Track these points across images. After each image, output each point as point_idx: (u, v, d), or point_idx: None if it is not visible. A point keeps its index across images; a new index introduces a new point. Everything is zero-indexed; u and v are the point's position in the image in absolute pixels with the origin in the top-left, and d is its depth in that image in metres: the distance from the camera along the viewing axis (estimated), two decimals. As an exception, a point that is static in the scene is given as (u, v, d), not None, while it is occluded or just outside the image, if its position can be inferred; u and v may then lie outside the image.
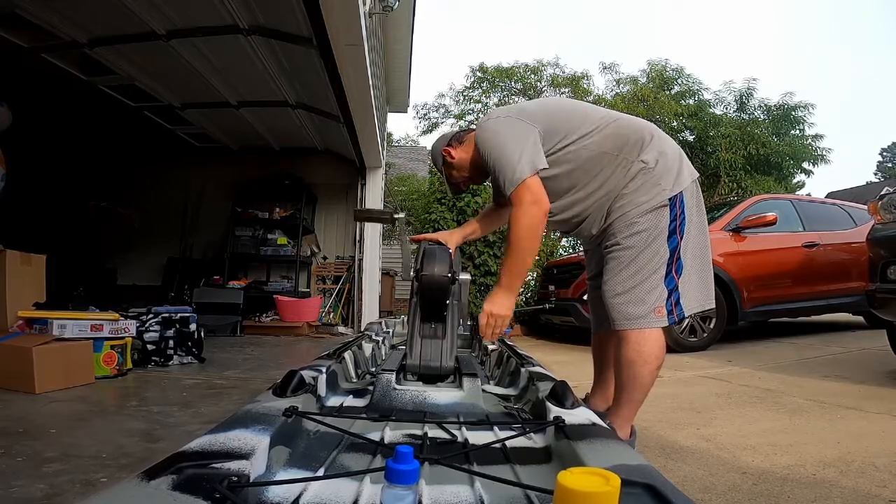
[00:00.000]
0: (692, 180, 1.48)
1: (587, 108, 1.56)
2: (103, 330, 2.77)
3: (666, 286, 1.42)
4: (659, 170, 1.42)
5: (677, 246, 1.43)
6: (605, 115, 1.52)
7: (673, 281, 1.42)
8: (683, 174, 1.46)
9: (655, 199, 1.41)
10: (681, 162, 1.47)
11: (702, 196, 1.54)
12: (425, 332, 1.26)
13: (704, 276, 1.50)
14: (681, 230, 1.43)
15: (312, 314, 5.61)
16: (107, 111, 4.95)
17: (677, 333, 3.90)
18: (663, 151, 1.45)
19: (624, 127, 1.48)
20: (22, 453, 1.53)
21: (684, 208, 1.43)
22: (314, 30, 3.13)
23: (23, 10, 3.28)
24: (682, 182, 1.44)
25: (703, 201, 1.55)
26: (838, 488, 1.33)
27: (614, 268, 1.44)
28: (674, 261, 1.42)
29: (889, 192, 2.74)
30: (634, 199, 1.42)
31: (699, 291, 1.47)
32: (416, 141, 15.41)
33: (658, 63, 9.60)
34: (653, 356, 1.41)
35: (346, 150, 5.86)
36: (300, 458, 0.76)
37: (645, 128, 1.50)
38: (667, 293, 1.42)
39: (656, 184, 1.41)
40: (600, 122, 1.48)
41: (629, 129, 1.47)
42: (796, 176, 9.79)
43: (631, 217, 1.41)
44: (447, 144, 1.65)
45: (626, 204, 1.43)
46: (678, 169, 1.45)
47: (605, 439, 0.74)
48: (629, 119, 1.54)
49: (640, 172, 1.42)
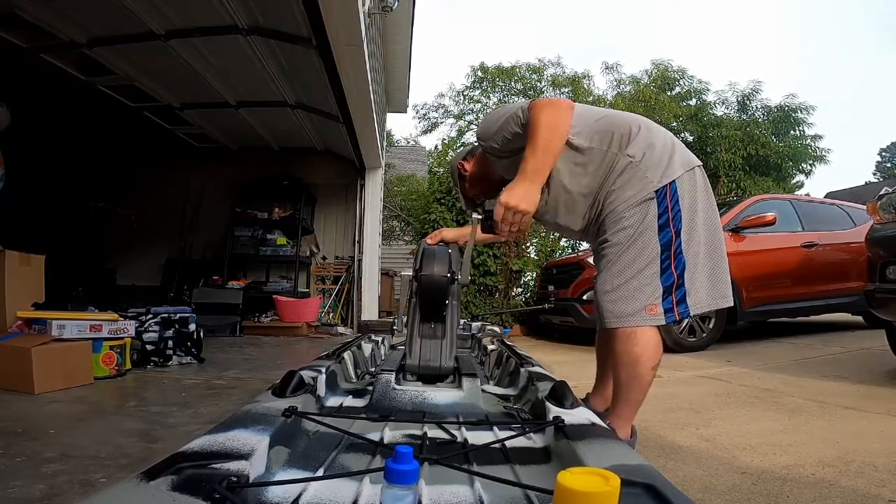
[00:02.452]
0: (686, 170, 1.40)
1: (579, 107, 1.55)
2: (102, 330, 2.77)
3: (662, 283, 1.36)
4: (645, 163, 1.38)
5: (671, 240, 1.36)
6: (596, 112, 1.51)
7: (671, 277, 1.36)
8: (674, 164, 1.39)
9: (641, 192, 1.36)
10: (672, 152, 1.41)
11: (710, 188, 1.46)
12: (425, 332, 1.26)
13: (717, 272, 1.42)
14: (675, 223, 1.36)
15: (312, 314, 5.61)
16: (106, 111, 4.94)
17: (676, 333, 3.91)
18: (651, 144, 1.40)
19: (611, 122, 1.45)
20: (21, 453, 1.53)
21: (677, 200, 1.37)
22: (314, 30, 3.13)
23: (22, 10, 3.28)
24: (671, 173, 1.37)
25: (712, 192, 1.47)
26: (838, 488, 1.33)
27: (603, 265, 1.42)
28: (671, 256, 1.36)
29: (888, 193, 2.74)
30: (622, 195, 1.38)
31: (709, 289, 1.41)
32: (416, 141, 15.42)
33: (661, 63, 9.62)
34: (647, 356, 1.37)
35: (345, 151, 5.86)
36: (300, 458, 0.76)
37: (633, 121, 1.45)
38: (662, 290, 1.36)
39: (643, 177, 1.37)
40: (590, 119, 1.46)
41: (616, 124, 1.44)
42: (795, 176, 9.80)
43: (619, 212, 1.38)
44: (462, 158, 1.70)
45: (615, 200, 1.39)
46: (668, 160, 1.39)
47: (604, 439, 0.73)
48: (618, 114, 1.52)
49: (627, 167, 1.38)
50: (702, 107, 9.41)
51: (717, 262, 1.44)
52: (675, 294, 1.37)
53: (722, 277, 1.44)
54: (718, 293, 1.43)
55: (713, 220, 1.44)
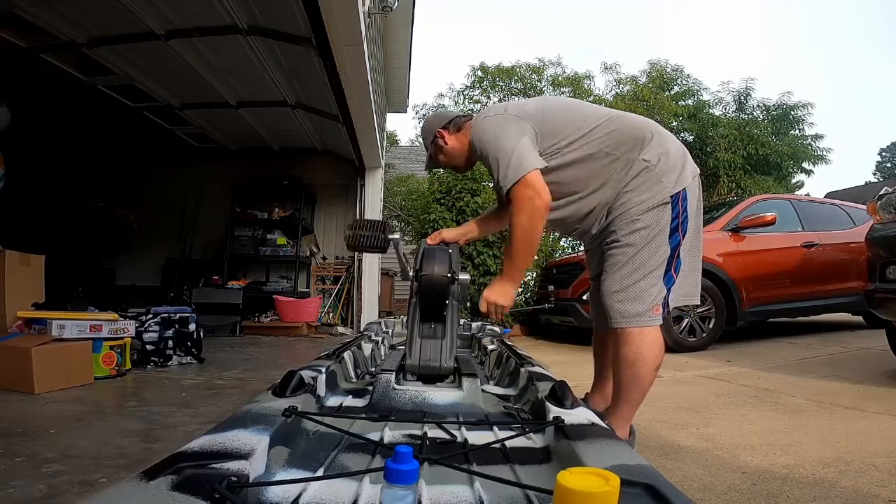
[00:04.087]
0: (693, 177, 1.47)
1: (588, 107, 1.56)
2: (102, 330, 2.77)
3: (665, 284, 1.41)
4: (661, 168, 1.41)
5: (679, 244, 1.43)
6: (605, 113, 1.51)
7: (672, 279, 1.43)
8: (686, 172, 1.45)
9: (657, 196, 1.40)
10: (685, 160, 1.47)
11: (702, 194, 1.55)
12: (425, 333, 1.26)
13: (694, 271, 1.52)
14: (683, 228, 1.43)
15: (312, 314, 5.61)
16: (106, 111, 4.94)
17: (677, 333, 3.91)
18: (666, 150, 1.44)
19: (625, 125, 1.47)
20: (21, 454, 1.53)
21: (687, 206, 1.43)
22: (313, 30, 3.13)
23: (22, 10, 3.28)
24: (684, 179, 1.43)
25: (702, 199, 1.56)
26: (837, 488, 1.33)
27: (613, 265, 1.44)
28: (674, 259, 1.42)
29: (888, 193, 2.74)
30: (636, 197, 1.41)
31: (685, 286, 1.49)
32: (416, 141, 15.40)
33: (658, 63, 9.61)
34: (652, 356, 1.41)
35: (345, 151, 5.86)
36: (299, 458, 0.76)
37: (646, 126, 1.50)
38: (666, 291, 1.42)
39: (658, 181, 1.41)
40: (601, 120, 1.47)
41: (630, 128, 1.47)
42: (795, 176, 9.80)
43: (632, 214, 1.41)
44: (442, 126, 1.62)
45: (628, 202, 1.42)
46: (681, 167, 1.45)
47: (604, 439, 0.73)
48: (631, 117, 1.53)
49: (642, 171, 1.41)
50: (700, 106, 9.40)
51: (697, 261, 1.53)
52: (669, 295, 1.44)
53: (697, 277, 1.54)
54: (690, 291, 1.52)
55: (700, 223, 1.53)
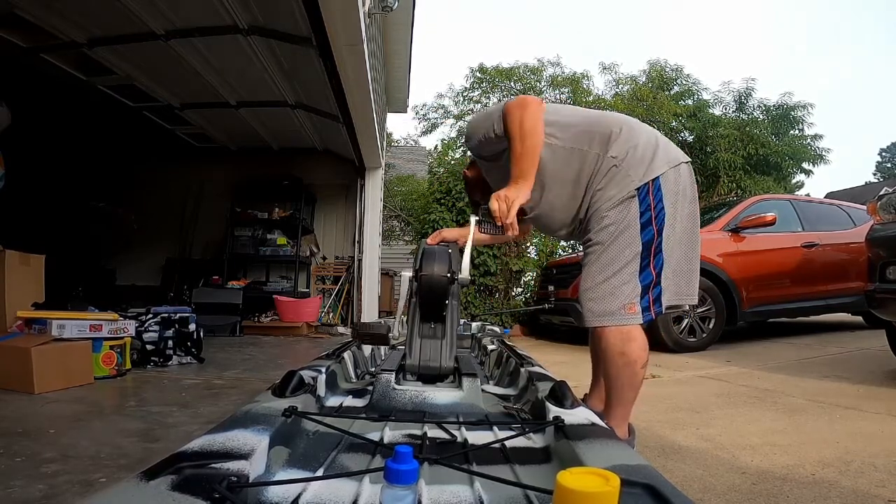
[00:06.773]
0: (671, 167, 1.39)
1: (563, 107, 1.57)
2: (102, 330, 2.77)
3: (640, 282, 1.35)
4: (628, 162, 1.38)
5: (653, 238, 1.35)
6: (578, 112, 1.52)
7: (650, 276, 1.35)
8: (657, 161, 1.37)
9: (623, 190, 1.36)
10: (655, 149, 1.40)
11: (695, 184, 1.46)
12: (425, 333, 1.26)
13: (688, 267, 1.43)
14: (658, 222, 1.35)
15: (312, 314, 5.61)
16: (106, 111, 4.95)
17: (677, 333, 3.91)
18: (634, 144, 1.40)
19: (594, 123, 1.45)
20: (21, 453, 1.53)
21: (661, 198, 1.36)
22: (313, 30, 3.13)
23: (22, 10, 3.28)
24: (653, 170, 1.36)
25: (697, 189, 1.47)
26: (837, 488, 1.33)
27: (585, 264, 1.42)
28: (650, 254, 1.35)
29: (888, 193, 2.74)
30: (605, 194, 1.39)
31: (677, 284, 1.41)
32: (416, 141, 15.40)
33: (658, 63, 9.61)
34: (632, 354, 1.36)
35: (345, 151, 5.87)
36: (299, 458, 0.76)
37: (616, 122, 1.45)
38: (640, 289, 1.35)
39: (626, 175, 1.37)
40: (572, 118, 1.47)
41: (599, 125, 1.44)
42: (795, 176, 9.79)
43: (601, 212, 1.38)
44: (467, 168, 1.78)
45: (598, 200, 1.40)
46: (651, 157, 1.38)
47: (604, 439, 0.73)
48: (602, 114, 1.52)
49: (611, 168, 1.39)
50: (700, 106, 9.40)
51: (692, 256, 1.44)
52: (651, 293, 1.36)
53: (694, 275, 1.45)
54: (686, 290, 1.44)
55: (695, 216, 1.45)
